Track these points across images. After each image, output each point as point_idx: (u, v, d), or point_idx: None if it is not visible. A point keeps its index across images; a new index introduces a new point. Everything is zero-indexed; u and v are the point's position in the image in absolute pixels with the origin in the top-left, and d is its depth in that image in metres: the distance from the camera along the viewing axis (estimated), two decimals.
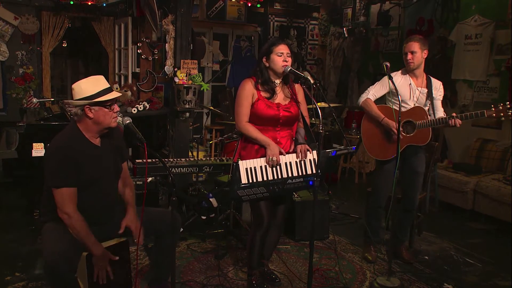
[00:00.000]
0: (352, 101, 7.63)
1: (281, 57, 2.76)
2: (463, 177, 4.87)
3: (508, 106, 3.10)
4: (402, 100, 3.41)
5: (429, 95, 3.39)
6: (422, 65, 3.41)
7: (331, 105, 4.20)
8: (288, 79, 2.90)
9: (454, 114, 3.20)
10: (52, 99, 5.11)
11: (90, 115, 2.37)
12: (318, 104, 4.96)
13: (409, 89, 3.40)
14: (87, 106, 2.34)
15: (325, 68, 8.39)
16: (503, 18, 5.16)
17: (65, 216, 2.31)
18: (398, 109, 3.42)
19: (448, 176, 5.00)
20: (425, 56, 3.37)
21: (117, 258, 2.45)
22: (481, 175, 4.86)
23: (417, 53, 3.32)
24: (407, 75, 3.44)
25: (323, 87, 7.94)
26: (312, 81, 2.76)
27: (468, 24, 5.55)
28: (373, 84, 3.58)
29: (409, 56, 3.35)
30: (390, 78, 3.27)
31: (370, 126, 3.56)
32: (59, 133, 2.45)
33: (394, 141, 3.38)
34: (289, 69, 2.78)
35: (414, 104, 3.39)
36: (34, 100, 4.85)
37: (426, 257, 3.79)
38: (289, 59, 2.78)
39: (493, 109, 3.12)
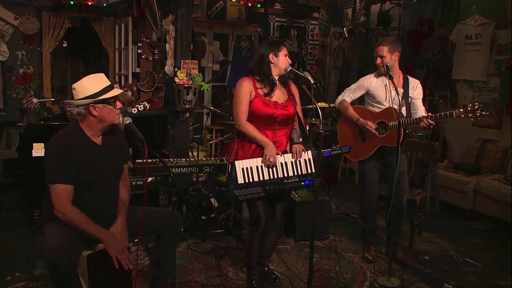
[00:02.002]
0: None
1: (287, 58, 2.83)
2: (463, 177, 4.87)
3: (477, 106, 3.07)
4: (377, 101, 3.43)
5: (405, 95, 3.38)
6: (396, 66, 3.40)
7: (331, 105, 4.20)
8: (285, 79, 2.91)
9: (429, 114, 3.21)
10: (52, 99, 5.10)
11: (95, 113, 2.37)
12: (318, 104, 4.98)
13: (385, 90, 3.40)
14: (92, 104, 2.35)
15: (326, 68, 8.38)
16: (503, 18, 5.16)
17: (59, 213, 2.31)
18: (375, 110, 3.44)
19: (448, 176, 5.00)
20: (396, 58, 3.36)
21: (131, 244, 2.44)
22: (481, 175, 4.86)
23: (386, 57, 3.34)
24: (382, 76, 3.43)
25: (324, 87, 7.94)
26: (312, 81, 2.77)
27: (468, 24, 5.55)
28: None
29: (378, 60, 3.37)
30: (391, 78, 3.28)
31: (346, 127, 3.60)
32: (60, 130, 2.46)
33: (367, 141, 3.44)
34: (289, 69, 2.80)
35: (389, 105, 3.38)
36: (34, 100, 4.84)
37: (426, 257, 3.79)
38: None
39: (462, 109, 3.10)
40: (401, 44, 3.43)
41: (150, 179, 4.08)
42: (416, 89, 3.43)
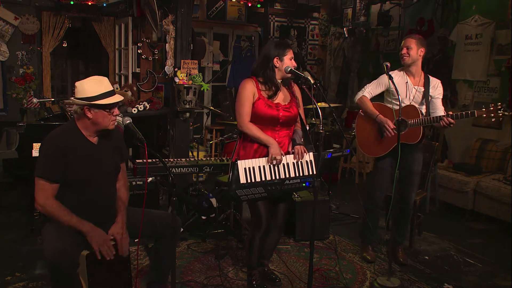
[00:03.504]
0: (353, 101, 7.63)
1: (292, 61, 2.82)
2: (463, 177, 4.87)
3: (499, 106, 3.08)
4: (397, 98, 3.42)
5: (426, 94, 3.39)
6: (419, 64, 3.41)
7: (331, 105, 4.21)
8: (288, 81, 2.91)
9: (450, 113, 3.21)
10: (52, 99, 5.10)
11: (89, 115, 2.37)
12: (318, 104, 4.97)
13: (406, 88, 3.41)
14: (86, 106, 2.35)
15: (326, 68, 8.39)
16: (503, 18, 5.16)
17: (39, 207, 2.33)
18: (395, 107, 3.43)
19: (448, 176, 5.00)
20: (421, 54, 3.38)
21: (112, 237, 2.42)
22: (481, 175, 4.86)
23: (412, 49, 3.34)
24: (405, 74, 3.45)
25: (323, 87, 7.94)
26: (312, 81, 2.77)
27: (468, 24, 5.55)
28: None
29: (404, 50, 3.37)
30: (390, 78, 3.27)
31: (364, 123, 3.60)
32: (58, 127, 2.46)
33: (385, 138, 3.43)
34: (289, 69, 2.79)
35: (410, 103, 3.39)
36: (34, 100, 4.84)
37: (426, 257, 3.79)
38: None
39: (484, 109, 3.11)
40: (427, 45, 3.45)
41: (150, 179, 4.08)
42: (436, 88, 3.42)
